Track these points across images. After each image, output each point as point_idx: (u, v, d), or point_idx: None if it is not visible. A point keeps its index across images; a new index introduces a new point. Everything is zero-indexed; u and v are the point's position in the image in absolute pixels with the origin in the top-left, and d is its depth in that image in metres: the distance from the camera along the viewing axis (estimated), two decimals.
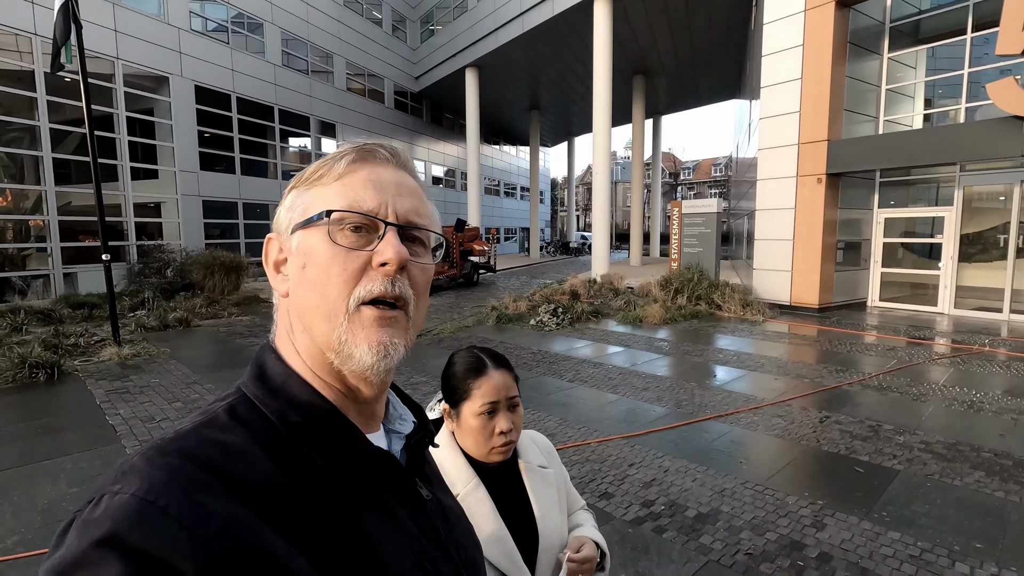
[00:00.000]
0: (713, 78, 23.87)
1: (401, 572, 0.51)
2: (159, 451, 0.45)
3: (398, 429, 0.63)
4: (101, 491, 0.42)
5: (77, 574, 0.37)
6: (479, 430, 1.11)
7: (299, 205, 0.57)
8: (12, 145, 11.84)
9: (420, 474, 0.62)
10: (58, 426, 4.66)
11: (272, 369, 0.56)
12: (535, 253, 31.44)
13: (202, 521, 0.40)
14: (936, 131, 10.03)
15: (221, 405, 0.52)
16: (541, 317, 9.47)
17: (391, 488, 0.56)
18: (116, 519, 0.39)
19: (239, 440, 0.48)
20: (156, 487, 0.41)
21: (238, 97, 16.79)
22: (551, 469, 1.23)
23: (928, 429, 4.39)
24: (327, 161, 0.58)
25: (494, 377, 1.12)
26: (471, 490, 1.11)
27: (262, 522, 0.44)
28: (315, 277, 0.54)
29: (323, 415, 0.53)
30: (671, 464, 3.80)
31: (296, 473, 0.49)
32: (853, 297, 11.14)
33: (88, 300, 10.85)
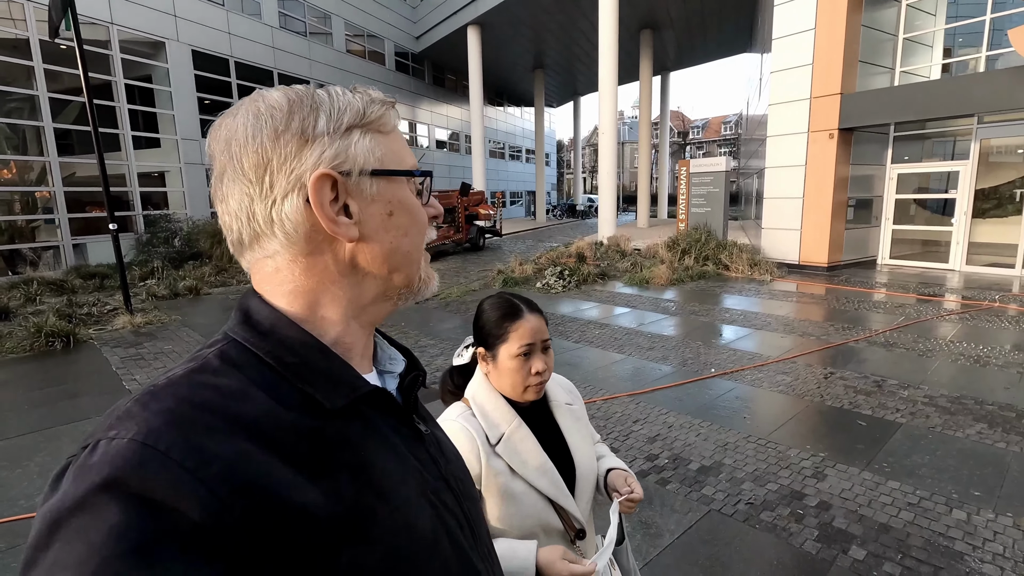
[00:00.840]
0: (723, 31, 23.06)
1: (407, 500, 0.52)
2: (153, 396, 0.44)
3: (390, 369, 0.64)
4: (96, 437, 0.41)
5: (76, 519, 0.36)
6: (516, 370, 1.16)
7: (368, 150, 0.54)
8: (12, 116, 11.76)
9: (416, 411, 0.63)
10: (77, 392, 4.79)
11: (259, 313, 0.52)
12: (541, 217, 31.20)
13: (205, 462, 0.40)
14: (954, 81, 9.71)
15: (210, 351, 0.50)
16: (547, 280, 9.48)
17: (390, 424, 0.56)
18: (115, 464, 0.38)
19: (234, 382, 0.47)
20: (155, 431, 0.40)
21: (236, 61, 16.48)
22: (576, 405, 1.30)
23: (933, 383, 4.41)
24: (381, 107, 0.57)
25: (530, 320, 1.17)
26: (515, 428, 1.17)
27: (266, 455, 0.43)
28: (407, 224, 0.57)
29: (318, 354, 0.52)
30: (675, 420, 3.86)
31: (297, 408, 0.48)
32: (863, 255, 11.03)
33: (98, 271, 10.99)
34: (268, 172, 0.50)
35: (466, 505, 0.62)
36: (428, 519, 0.53)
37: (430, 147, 27.25)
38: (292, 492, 0.43)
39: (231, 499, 0.39)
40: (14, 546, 2.62)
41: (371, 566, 0.46)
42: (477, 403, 1.19)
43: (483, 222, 17.03)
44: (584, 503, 1.19)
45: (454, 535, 0.56)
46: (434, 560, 0.52)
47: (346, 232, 0.53)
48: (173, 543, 0.36)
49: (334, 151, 0.52)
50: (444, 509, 0.56)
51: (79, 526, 0.36)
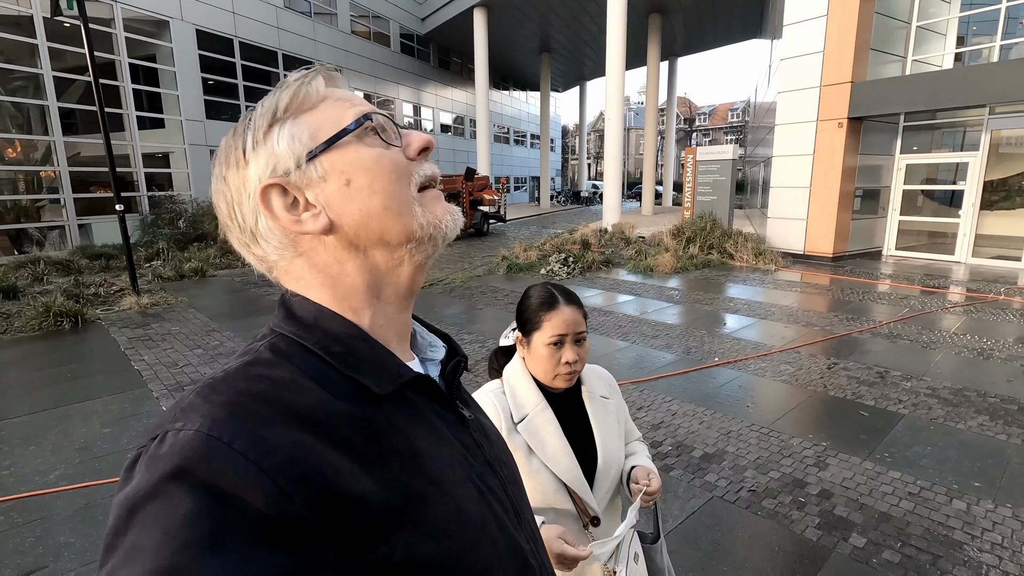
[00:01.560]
0: (733, 16, 22.72)
1: (454, 484, 0.52)
2: (213, 389, 0.46)
3: (431, 356, 0.65)
4: (163, 428, 0.43)
5: (150, 505, 0.38)
6: (547, 358, 1.21)
7: (300, 134, 0.53)
8: (17, 94, 11.71)
9: (459, 396, 0.64)
10: (86, 371, 4.85)
11: (301, 308, 0.55)
12: (545, 202, 31.09)
13: (267, 453, 0.41)
14: (967, 71, 9.59)
15: (261, 344, 0.52)
16: (552, 266, 9.48)
17: (434, 410, 0.57)
18: (184, 454, 0.39)
19: (286, 373, 0.49)
20: (218, 423, 0.42)
21: (240, 42, 16.34)
22: (612, 400, 1.34)
23: (936, 375, 4.43)
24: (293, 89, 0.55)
25: (564, 312, 1.20)
26: (539, 411, 1.21)
27: (323, 444, 0.44)
28: (370, 182, 0.53)
29: (362, 344, 0.54)
30: (679, 408, 3.89)
31: (346, 397, 0.49)
32: (869, 246, 10.99)
33: (104, 251, 11.02)
34: (236, 209, 0.56)
35: (510, 488, 0.62)
36: (475, 503, 0.54)
37: (434, 131, 27.06)
38: (348, 480, 0.44)
39: (292, 489, 0.40)
40: (30, 521, 2.68)
41: (425, 551, 0.47)
42: (509, 383, 1.25)
43: (487, 207, 16.99)
44: (603, 493, 1.22)
45: (500, 518, 0.56)
46: (483, 543, 0.52)
47: (313, 225, 0.54)
48: (241, 532, 0.38)
49: (263, 160, 0.54)
50: (489, 493, 0.57)
51: (154, 513, 0.37)
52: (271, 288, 8.60)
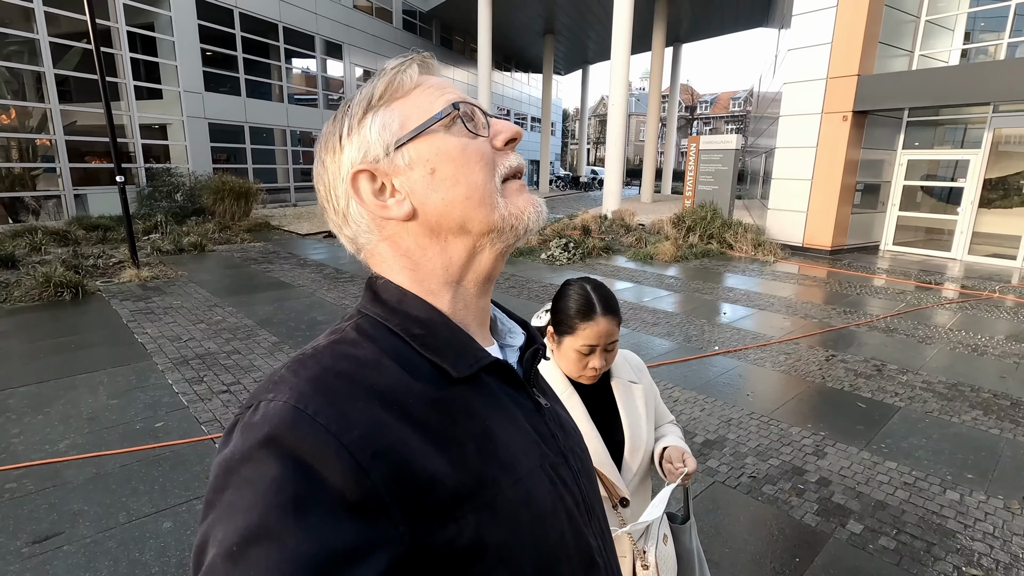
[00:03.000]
0: (740, 3, 22.48)
1: (527, 472, 0.53)
2: (302, 364, 0.49)
3: (509, 343, 0.65)
4: (257, 398, 0.46)
5: (244, 467, 0.41)
6: (575, 361, 1.23)
7: (391, 123, 0.56)
8: (12, 59, 11.48)
9: (537, 384, 0.64)
10: (89, 342, 4.85)
11: (386, 291, 0.57)
12: (544, 187, 30.96)
13: (348, 427, 0.43)
14: (973, 68, 9.58)
15: (348, 324, 0.55)
16: (552, 251, 9.50)
17: (511, 395, 0.57)
18: (273, 423, 0.43)
19: (369, 352, 0.51)
20: (304, 396, 0.44)
21: (241, 12, 16.02)
22: (641, 384, 1.35)
23: (931, 369, 4.52)
24: (391, 76, 0.57)
25: (600, 323, 1.19)
26: (566, 397, 1.24)
27: (400, 423, 0.46)
28: (454, 173, 0.55)
29: (442, 328, 0.55)
30: (680, 395, 3.96)
31: (425, 379, 0.51)
32: (867, 240, 11.06)
33: (101, 222, 10.93)
34: (332, 192, 0.59)
35: (583, 482, 0.61)
36: (547, 492, 0.54)
37: None
38: (423, 460, 0.46)
39: (369, 464, 0.42)
40: (43, 488, 2.71)
41: (494, 535, 0.48)
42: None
43: None
44: (631, 476, 1.25)
45: (570, 510, 0.56)
46: (552, 534, 0.53)
47: (397, 211, 0.56)
48: (320, 500, 0.40)
49: (356, 147, 0.56)
50: (561, 484, 0.56)
51: (247, 475, 0.41)
52: (270, 265, 8.59)
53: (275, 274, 7.93)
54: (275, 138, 18.37)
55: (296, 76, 19.91)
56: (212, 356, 4.55)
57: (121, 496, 2.66)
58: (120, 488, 2.73)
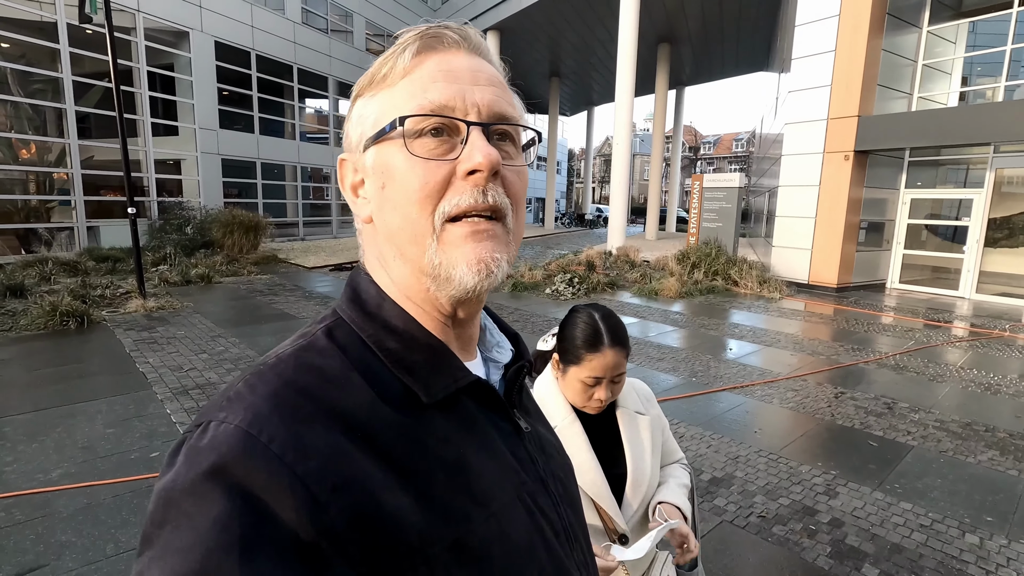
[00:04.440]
0: (741, 48, 23.15)
1: (502, 504, 0.48)
2: (260, 378, 0.44)
3: (496, 357, 0.60)
4: (208, 417, 0.42)
5: (186, 501, 0.37)
6: (579, 392, 1.19)
7: (368, 116, 0.51)
8: (36, 97, 11.88)
9: (518, 404, 0.58)
10: (91, 371, 4.83)
11: (367, 292, 0.52)
12: (550, 224, 31.25)
13: (304, 456, 0.39)
14: (972, 110, 9.73)
15: (320, 328, 0.50)
16: (557, 286, 9.50)
17: (489, 418, 0.53)
18: (221, 452, 0.38)
19: (337, 365, 0.46)
20: (259, 418, 0.40)
21: (257, 55, 16.62)
22: (647, 416, 1.29)
23: (943, 408, 4.41)
24: (389, 56, 0.50)
25: (607, 356, 1.16)
26: (568, 424, 1.19)
27: (362, 452, 0.42)
28: (395, 196, 0.48)
29: (419, 342, 0.50)
30: (686, 431, 3.87)
31: (394, 401, 0.46)
32: (872, 278, 11.02)
33: (111, 254, 11.06)
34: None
35: (563, 510, 0.56)
36: (523, 525, 0.50)
37: None
38: (388, 495, 0.41)
39: (326, 498, 0.39)
40: (32, 518, 2.65)
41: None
42: (538, 393, 1.23)
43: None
44: (631, 511, 1.20)
45: (549, 542, 0.52)
46: (529, 570, 0.48)
47: (362, 211, 0.52)
48: (269, 540, 0.36)
49: (347, 130, 0.54)
50: (540, 515, 0.52)
51: (188, 510, 0.37)
52: (276, 297, 8.62)
53: (279, 306, 7.94)
54: (286, 174, 18.74)
55: (309, 115, 20.47)
56: (212, 386, 4.51)
57: (111, 527, 2.59)
58: (110, 519, 2.66)
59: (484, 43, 0.54)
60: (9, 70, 11.27)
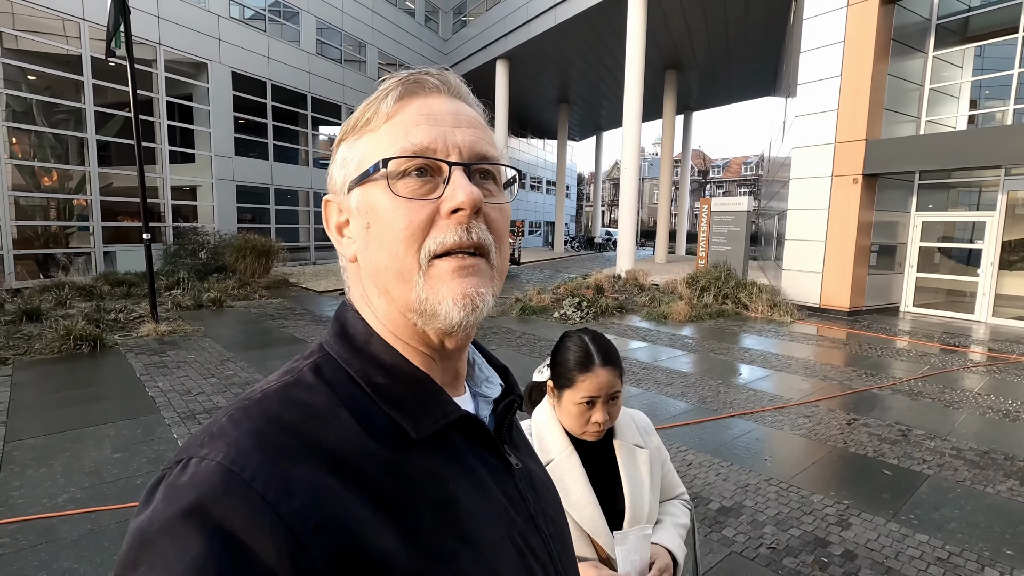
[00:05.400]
0: (747, 74, 23.41)
1: (491, 544, 0.48)
2: (245, 413, 0.44)
3: (485, 392, 0.60)
4: (188, 453, 0.41)
5: (161, 541, 0.36)
6: (576, 416, 1.18)
7: (352, 159, 0.52)
8: (59, 126, 12.28)
9: (508, 440, 0.58)
10: (101, 395, 4.87)
11: (354, 327, 0.53)
12: (559, 247, 31.34)
13: (287, 495, 0.39)
14: (981, 132, 9.71)
15: (307, 363, 0.50)
16: (565, 310, 9.49)
17: (479, 455, 0.52)
18: (202, 490, 0.38)
19: (324, 401, 0.46)
20: (242, 455, 0.40)
21: (273, 84, 17.10)
22: (646, 449, 1.27)
23: (960, 435, 4.30)
24: (372, 102, 0.52)
25: (599, 375, 1.16)
26: (565, 457, 1.18)
27: (348, 491, 0.41)
28: (381, 235, 0.49)
29: (408, 377, 0.50)
30: (694, 458, 3.80)
31: (382, 437, 0.46)
32: (885, 302, 10.88)
33: (126, 278, 11.26)
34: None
35: (555, 548, 0.55)
36: (513, 566, 0.49)
37: None
38: (373, 534, 0.41)
39: (309, 539, 0.38)
40: (35, 544, 2.65)
41: None
42: (536, 425, 1.22)
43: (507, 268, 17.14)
44: None
45: None
46: None
47: (346, 251, 0.54)
48: None
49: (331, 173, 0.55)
50: (530, 554, 0.51)
51: (164, 551, 0.36)
52: (286, 321, 8.68)
53: (289, 330, 8.00)
54: (299, 199, 19.07)
55: (322, 142, 20.89)
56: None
57: (113, 554, 2.59)
58: (113, 546, 2.66)
59: (463, 86, 0.56)
60: (34, 101, 11.68)
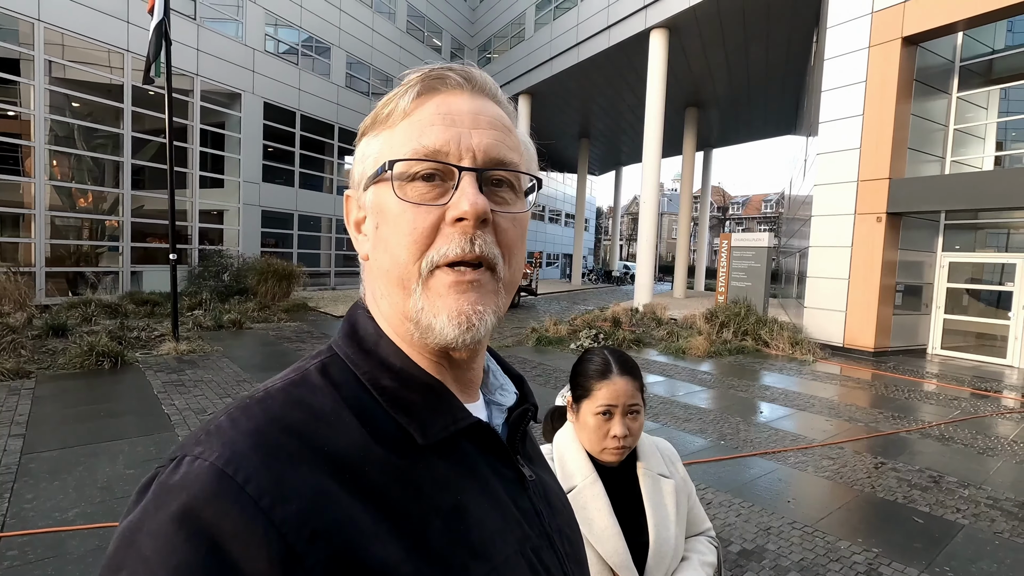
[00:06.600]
0: (768, 112, 23.57)
1: (504, 558, 0.45)
2: (245, 411, 0.42)
3: (499, 401, 0.57)
4: (183, 451, 0.39)
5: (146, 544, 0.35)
6: (595, 429, 1.15)
7: (369, 155, 0.51)
8: (97, 150, 12.80)
9: (521, 451, 0.56)
10: (119, 411, 4.92)
11: (364, 328, 0.51)
12: (577, 280, 31.33)
13: (283, 500, 0.36)
14: (1008, 173, 9.56)
15: (314, 363, 0.48)
16: (582, 341, 9.40)
17: (491, 464, 0.50)
18: (192, 492, 0.36)
19: (329, 402, 0.44)
20: (237, 456, 0.38)
21: (302, 115, 17.69)
22: (672, 480, 1.22)
23: (996, 484, 4.09)
24: (393, 96, 0.50)
25: (617, 383, 1.15)
26: (589, 484, 1.13)
27: (351, 496, 0.39)
28: (387, 238, 0.48)
29: (417, 381, 0.48)
30: (714, 497, 3.67)
31: (389, 442, 0.44)
32: (912, 343, 10.58)
33: (151, 298, 11.50)
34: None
35: (570, 567, 0.53)
36: None
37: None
38: (375, 544, 0.38)
39: (305, 549, 0.36)
40: (43, 558, 2.63)
41: None
42: (558, 449, 1.19)
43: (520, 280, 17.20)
44: None
45: None
46: None
47: (360, 247, 0.53)
48: None
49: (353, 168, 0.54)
50: (545, 573, 0.49)
51: (147, 555, 0.34)
52: (301, 343, 8.74)
53: (305, 352, 7.95)
54: (321, 226, 19.45)
55: (347, 170, 21.40)
56: None
57: None
58: None
59: (490, 83, 0.53)
60: (76, 126, 12.21)
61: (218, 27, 14.93)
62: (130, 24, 12.57)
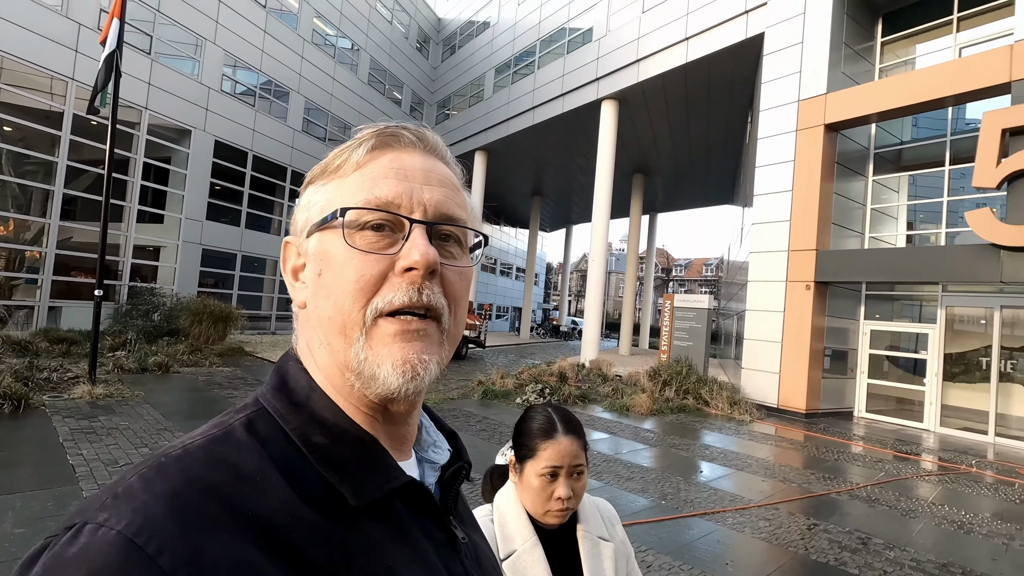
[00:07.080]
0: (708, 182, 25.18)
1: None
2: (160, 472, 0.38)
3: (432, 458, 0.56)
4: (83, 517, 0.35)
5: None
6: (539, 491, 1.12)
7: (316, 203, 0.51)
8: (26, 177, 12.09)
9: (454, 511, 0.55)
10: (14, 460, 4.42)
11: (295, 380, 0.49)
12: (525, 333, 31.43)
13: (200, 574, 0.33)
14: (918, 251, 10.51)
15: (239, 418, 0.45)
16: (528, 396, 9.33)
17: (423, 526, 0.49)
18: (92, 566, 0.32)
19: (255, 461, 0.42)
20: (149, 523, 0.34)
21: (255, 155, 17.45)
22: (611, 542, 1.20)
23: (918, 546, 4.25)
24: (345, 149, 0.51)
25: (562, 443, 1.13)
26: (529, 548, 1.10)
27: (275, 566, 0.37)
28: (331, 285, 0.47)
29: (350, 437, 0.47)
30: (654, 559, 3.63)
31: (318, 503, 0.42)
32: (840, 405, 11.12)
33: (68, 336, 10.63)
34: None
35: None
36: None
37: None
38: None
39: None
40: None
41: None
42: (499, 511, 1.15)
43: (468, 332, 17.08)
44: None
45: None
46: None
47: (296, 295, 0.51)
48: None
49: (295, 215, 0.54)
50: None
51: None
52: (233, 391, 8.25)
53: (236, 400, 7.52)
54: (266, 268, 18.85)
55: None
56: None
57: None
58: None
59: (441, 145, 0.55)
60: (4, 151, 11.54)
61: (173, 63, 14.76)
62: (78, 53, 12.24)
